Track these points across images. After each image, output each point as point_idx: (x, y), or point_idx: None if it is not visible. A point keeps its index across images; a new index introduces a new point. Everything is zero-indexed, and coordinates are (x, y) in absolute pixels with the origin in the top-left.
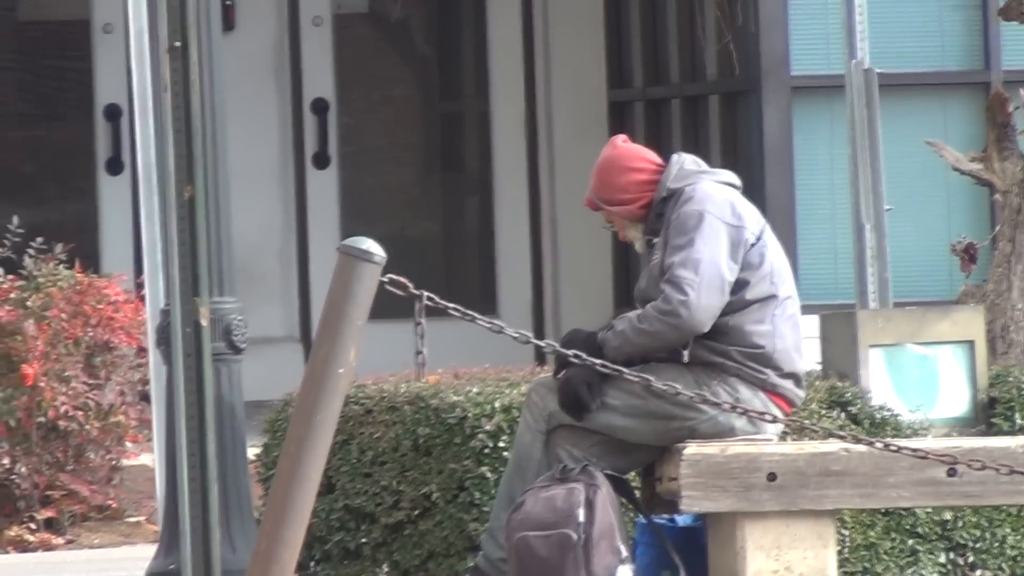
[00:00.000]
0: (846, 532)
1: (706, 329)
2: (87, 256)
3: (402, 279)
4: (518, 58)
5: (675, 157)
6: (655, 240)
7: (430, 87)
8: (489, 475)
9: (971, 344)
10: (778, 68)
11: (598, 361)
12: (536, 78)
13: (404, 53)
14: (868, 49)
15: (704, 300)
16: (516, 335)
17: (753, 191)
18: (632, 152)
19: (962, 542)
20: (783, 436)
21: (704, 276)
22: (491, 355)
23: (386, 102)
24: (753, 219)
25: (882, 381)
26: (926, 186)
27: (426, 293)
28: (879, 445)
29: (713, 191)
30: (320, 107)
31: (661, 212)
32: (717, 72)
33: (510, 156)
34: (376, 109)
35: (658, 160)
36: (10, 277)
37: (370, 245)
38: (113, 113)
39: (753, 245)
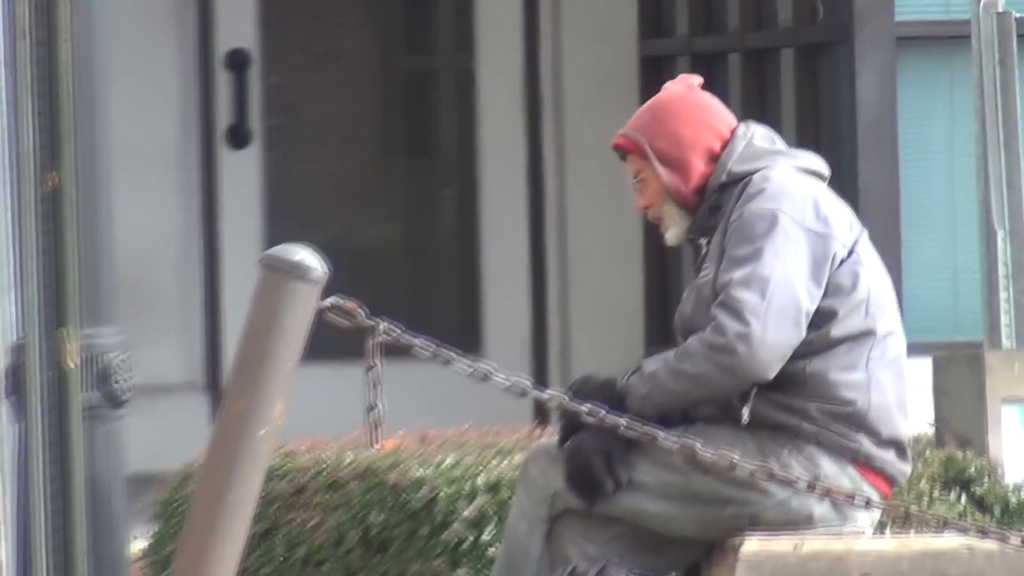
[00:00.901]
0: None
1: (772, 375)
2: None
3: (350, 303)
4: None
5: (742, 128)
6: (704, 244)
7: (392, 36)
8: None
9: None
10: (878, 11)
11: (622, 420)
12: (539, 25)
13: None
14: None
15: (772, 334)
16: (509, 383)
17: (842, 182)
18: (714, 107)
19: None
20: (880, 527)
21: (774, 301)
22: (473, 411)
23: (330, 57)
24: (845, 225)
25: (1020, 450)
26: None
27: (384, 323)
28: (1015, 540)
29: (792, 183)
30: (238, 62)
31: (718, 204)
32: (793, 17)
33: (502, 132)
34: (316, 66)
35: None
36: None
37: (305, 256)
38: None
39: (844, 261)
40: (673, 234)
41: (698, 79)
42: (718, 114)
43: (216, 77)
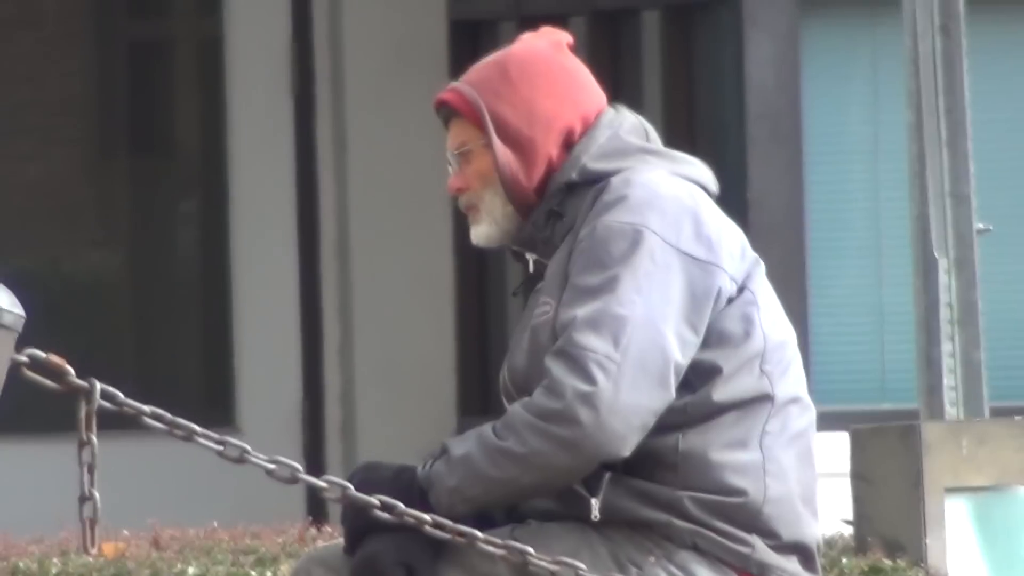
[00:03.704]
0: None
1: (628, 451)
2: None
3: (56, 358)
4: None
5: (610, 113)
6: (532, 262)
7: None
8: None
9: None
10: None
11: (428, 517)
12: None
13: None
14: None
15: (627, 395)
16: (271, 465)
17: (727, 193)
18: (584, 78)
19: None
20: None
21: (631, 350)
22: (225, 504)
23: (27, 22)
24: (736, 252)
25: (970, 556)
26: None
27: (101, 385)
28: None
29: (664, 189)
30: None
31: (559, 211)
32: None
33: (261, 122)
34: (8, 35)
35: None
36: None
37: None
38: None
39: (732, 300)
40: (484, 233)
41: (567, 37)
42: (586, 88)
43: None
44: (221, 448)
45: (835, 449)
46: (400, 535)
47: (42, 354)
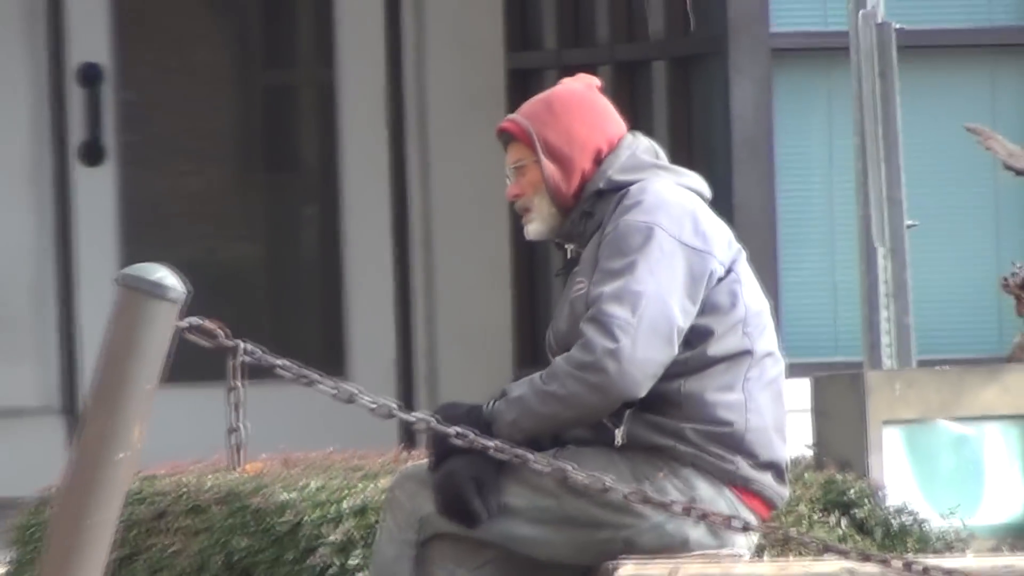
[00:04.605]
0: None
1: (641, 393)
2: None
3: (211, 323)
4: (377, 9)
5: (629, 138)
6: (570, 250)
7: (250, 50)
8: None
9: None
10: (752, 23)
11: (492, 443)
12: (403, 37)
13: (213, 1)
14: None
15: (642, 351)
16: (374, 404)
17: (717, 200)
18: (609, 110)
19: None
20: (759, 551)
21: (645, 317)
22: (338, 434)
23: (186, 70)
24: (724, 243)
25: (902, 472)
26: (966, 193)
27: (245, 344)
28: (897, 564)
29: (671, 196)
30: (91, 76)
31: (591, 212)
32: (664, 29)
33: (365, 147)
34: (172, 80)
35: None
36: None
37: (164, 275)
38: None
39: (721, 280)
40: (536, 229)
41: (597, 81)
42: (611, 119)
43: (69, 91)
44: (335, 391)
45: (800, 391)
46: (471, 456)
47: (200, 321)
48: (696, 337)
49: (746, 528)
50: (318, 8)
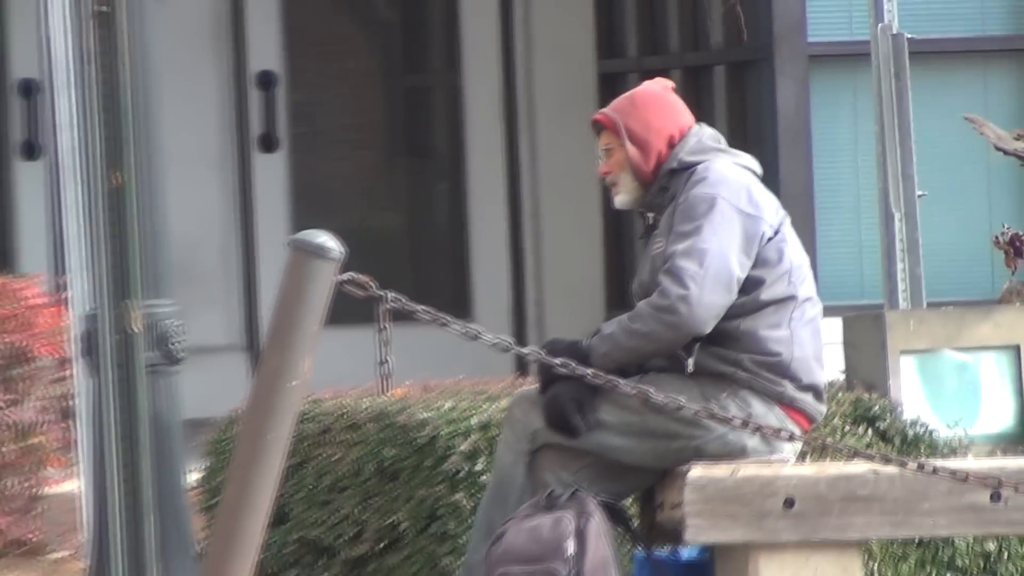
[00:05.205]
0: (874, 565)
1: (707, 330)
2: (0, 253)
3: (363, 277)
4: (493, 24)
5: (696, 127)
6: (650, 217)
7: (393, 59)
8: (465, 502)
9: (1016, 349)
10: (793, 34)
11: (589, 371)
12: (514, 47)
13: (363, 19)
14: (897, 11)
15: (708, 296)
16: (495, 341)
17: (766, 176)
18: (680, 105)
19: None
20: (802, 456)
21: (710, 269)
22: (466, 365)
23: (342, 76)
24: (772, 210)
25: (915, 392)
26: (965, 169)
27: (390, 294)
28: (912, 466)
29: (729, 173)
30: (267, 81)
31: (666, 186)
32: (723, 39)
33: (485, 137)
34: (331, 84)
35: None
36: None
37: (325, 239)
38: (28, 89)
39: (770, 239)
40: (622, 200)
41: (670, 82)
42: (682, 112)
43: (249, 94)
44: (464, 331)
45: (833, 328)
46: (572, 382)
47: (354, 275)
48: (750, 285)
49: (792, 438)
50: (447, 25)
